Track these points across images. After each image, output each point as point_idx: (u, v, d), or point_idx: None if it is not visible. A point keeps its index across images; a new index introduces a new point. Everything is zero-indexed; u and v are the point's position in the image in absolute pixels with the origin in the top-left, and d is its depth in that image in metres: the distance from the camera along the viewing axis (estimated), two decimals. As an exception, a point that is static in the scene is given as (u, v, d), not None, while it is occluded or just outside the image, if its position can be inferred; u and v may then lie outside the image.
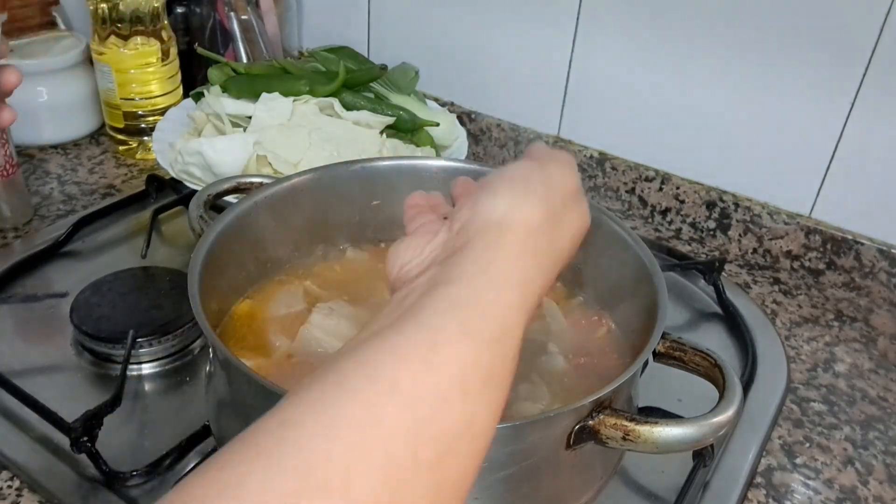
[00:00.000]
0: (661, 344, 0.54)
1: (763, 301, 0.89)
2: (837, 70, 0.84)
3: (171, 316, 0.73)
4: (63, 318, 0.74)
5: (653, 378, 0.60)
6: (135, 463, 0.61)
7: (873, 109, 0.84)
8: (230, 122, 0.92)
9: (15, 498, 0.59)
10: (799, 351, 0.82)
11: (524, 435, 0.47)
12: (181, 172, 0.88)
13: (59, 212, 0.95)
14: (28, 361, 0.72)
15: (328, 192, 0.70)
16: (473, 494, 0.47)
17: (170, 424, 0.66)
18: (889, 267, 0.88)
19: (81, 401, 0.63)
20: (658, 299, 0.56)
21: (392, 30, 1.15)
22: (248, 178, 0.69)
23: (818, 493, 0.65)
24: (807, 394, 0.76)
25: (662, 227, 1.01)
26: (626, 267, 0.62)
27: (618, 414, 0.48)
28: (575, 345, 0.63)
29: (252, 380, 0.48)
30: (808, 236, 0.92)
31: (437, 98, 1.11)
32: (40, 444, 0.63)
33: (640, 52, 0.95)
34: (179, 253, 0.88)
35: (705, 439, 0.47)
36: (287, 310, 0.66)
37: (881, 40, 0.80)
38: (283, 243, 0.69)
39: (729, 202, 0.96)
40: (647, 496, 0.63)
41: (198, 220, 0.63)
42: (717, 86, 0.92)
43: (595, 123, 1.03)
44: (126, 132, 1.07)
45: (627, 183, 1.02)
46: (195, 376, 0.71)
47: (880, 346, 0.84)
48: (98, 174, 1.03)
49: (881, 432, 0.72)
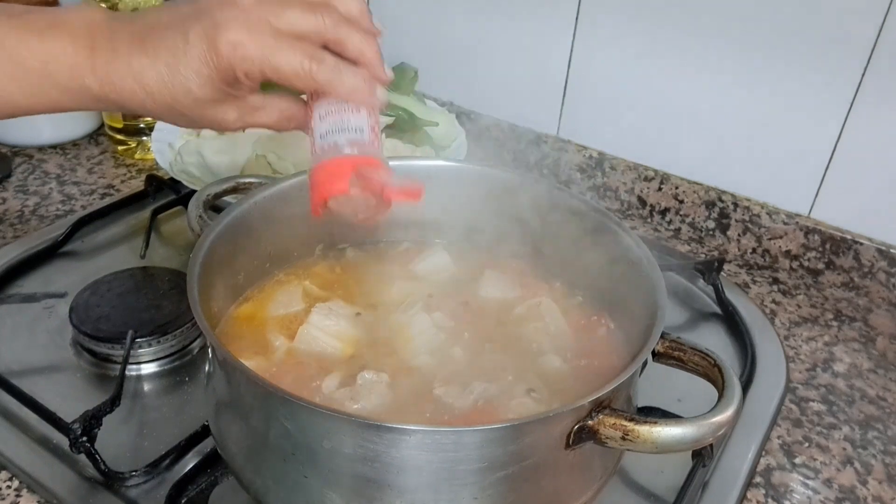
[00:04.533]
0: (660, 344, 0.54)
1: (762, 301, 0.89)
2: (836, 71, 0.84)
3: (170, 316, 0.73)
4: (62, 318, 0.74)
5: (652, 378, 0.60)
6: (134, 463, 0.61)
7: (872, 110, 0.84)
8: (229, 122, 0.92)
9: (14, 498, 0.59)
10: (798, 351, 0.82)
11: (523, 435, 0.47)
12: (180, 172, 0.88)
13: (58, 212, 0.95)
14: (27, 362, 0.72)
15: (327, 192, 0.70)
16: (473, 494, 0.47)
17: (169, 424, 0.66)
18: (888, 267, 0.88)
19: (81, 401, 0.63)
20: (657, 299, 0.56)
21: (391, 30, 1.15)
22: (247, 178, 0.69)
23: (817, 493, 0.66)
24: (806, 393, 0.76)
25: (662, 226, 1.01)
26: (625, 267, 0.62)
27: (617, 414, 0.48)
28: (574, 345, 0.63)
29: (251, 380, 0.48)
30: (808, 236, 0.92)
31: (436, 98, 1.11)
32: (39, 444, 0.63)
33: (639, 53, 0.95)
34: (178, 253, 0.88)
35: (704, 439, 0.47)
36: (286, 310, 0.66)
37: (879, 41, 0.80)
38: (282, 243, 0.69)
39: (728, 202, 0.96)
40: (646, 496, 0.63)
41: (197, 220, 0.63)
42: (716, 86, 0.92)
43: (594, 123, 1.03)
44: (125, 132, 1.07)
45: (627, 183, 1.02)
46: (194, 376, 0.71)
47: (879, 345, 0.84)
48: (97, 174, 1.03)
49: (880, 432, 0.72)
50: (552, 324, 0.65)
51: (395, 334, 0.63)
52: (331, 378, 0.58)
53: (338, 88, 0.53)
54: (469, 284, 0.70)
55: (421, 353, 0.61)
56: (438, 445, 0.46)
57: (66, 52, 0.53)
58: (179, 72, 0.52)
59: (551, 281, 0.70)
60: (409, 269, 0.71)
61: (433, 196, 0.72)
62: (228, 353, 0.49)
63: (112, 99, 0.54)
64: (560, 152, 1.05)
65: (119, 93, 0.54)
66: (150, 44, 0.52)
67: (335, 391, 0.57)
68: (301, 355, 0.61)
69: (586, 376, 0.61)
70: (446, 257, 0.72)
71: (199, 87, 0.52)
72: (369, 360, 0.60)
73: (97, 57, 0.53)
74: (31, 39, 0.53)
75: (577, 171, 1.05)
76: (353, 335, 0.63)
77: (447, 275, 0.71)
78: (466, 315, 0.66)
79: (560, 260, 0.69)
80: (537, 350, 0.63)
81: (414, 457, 0.46)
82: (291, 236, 0.70)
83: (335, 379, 0.58)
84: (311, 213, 0.56)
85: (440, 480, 0.47)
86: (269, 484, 0.51)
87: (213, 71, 0.51)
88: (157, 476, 0.61)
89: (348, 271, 0.71)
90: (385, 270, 0.71)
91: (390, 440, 0.46)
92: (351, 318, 0.64)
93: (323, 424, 0.47)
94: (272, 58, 0.51)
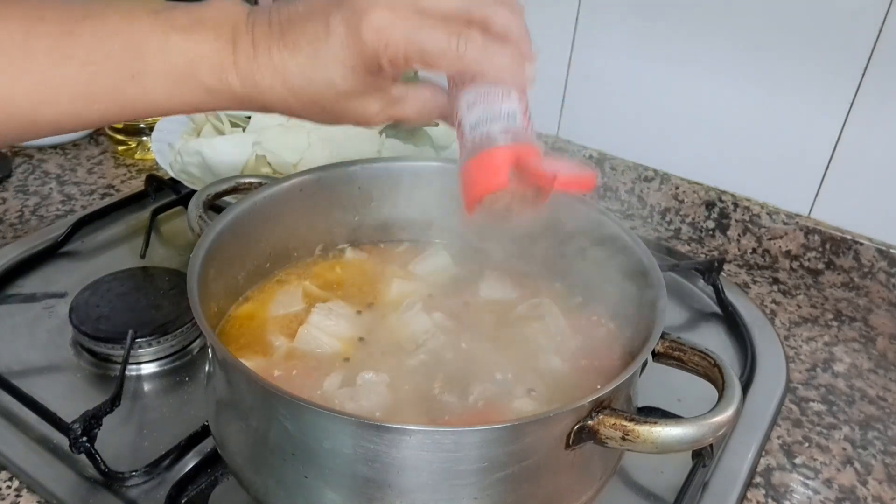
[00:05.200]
0: (660, 344, 0.54)
1: (762, 301, 0.89)
2: (836, 70, 0.84)
3: (170, 316, 0.73)
4: (62, 318, 0.74)
5: (652, 378, 0.60)
6: (134, 463, 0.61)
7: (872, 109, 0.84)
8: (229, 122, 0.92)
9: (14, 498, 0.59)
10: (798, 351, 0.82)
11: (523, 435, 0.47)
12: (180, 172, 0.88)
13: (58, 212, 0.95)
14: (27, 362, 0.72)
15: (327, 192, 0.70)
16: (473, 494, 0.47)
17: (169, 424, 0.66)
18: (888, 267, 0.88)
19: (80, 401, 0.63)
20: (657, 299, 0.56)
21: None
22: (247, 178, 0.69)
23: (817, 493, 0.66)
24: (806, 394, 0.76)
25: (662, 226, 1.01)
26: (625, 267, 0.62)
27: (617, 414, 0.48)
28: (574, 345, 0.63)
29: (251, 380, 0.48)
30: (808, 236, 0.92)
31: (436, 98, 1.11)
32: (39, 444, 0.63)
33: (640, 53, 0.95)
34: (178, 253, 0.88)
35: (704, 439, 0.47)
36: (286, 310, 0.66)
37: (879, 42, 0.80)
38: (282, 243, 0.69)
39: (728, 202, 0.96)
40: (646, 496, 0.63)
41: (197, 220, 0.63)
42: (716, 86, 0.92)
43: (594, 123, 1.03)
44: (125, 132, 1.07)
45: (627, 183, 1.02)
46: (194, 376, 0.71)
47: (879, 345, 0.84)
48: (97, 174, 1.03)
49: (880, 432, 0.72)
50: (552, 324, 0.65)
51: (395, 334, 0.63)
52: (331, 378, 0.58)
53: (486, 68, 0.50)
54: (469, 284, 0.70)
55: (421, 354, 0.61)
56: (438, 445, 0.46)
57: (211, 49, 0.50)
58: (321, 62, 0.49)
59: (551, 281, 0.70)
60: (409, 269, 0.71)
61: (433, 196, 0.73)
62: (228, 353, 0.49)
63: (254, 98, 0.52)
64: (560, 152, 1.05)
65: (261, 91, 0.51)
66: (290, 36, 0.50)
67: (335, 391, 0.57)
68: (301, 355, 0.61)
69: (586, 376, 0.61)
70: (446, 257, 0.72)
71: (341, 78, 0.50)
72: (369, 361, 0.60)
73: (239, 54, 0.50)
74: (176, 37, 0.50)
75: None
76: (353, 335, 0.63)
77: (447, 275, 0.71)
78: (466, 315, 0.66)
79: (560, 260, 0.69)
80: (537, 350, 0.62)
81: (414, 457, 0.46)
82: (291, 236, 0.70)
83: (335, 379, 0.58)
84: (465, 210, 0.51)
85: (440, 480, 0.47)
86: (269, 484, 0.51)
87: (356, 58, 0.49)
88: (157, 476, 0.61)
89: (348, 271, 0.71)
90: (385, 270, 0.71)
91: (390, 440, 0.46)
92: (351, 318, 0.64)
93: (323, 424, 0.47)
94: (417, 38, 0.48)
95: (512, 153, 0.49)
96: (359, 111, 0.53)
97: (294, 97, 0.51)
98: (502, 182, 0.49)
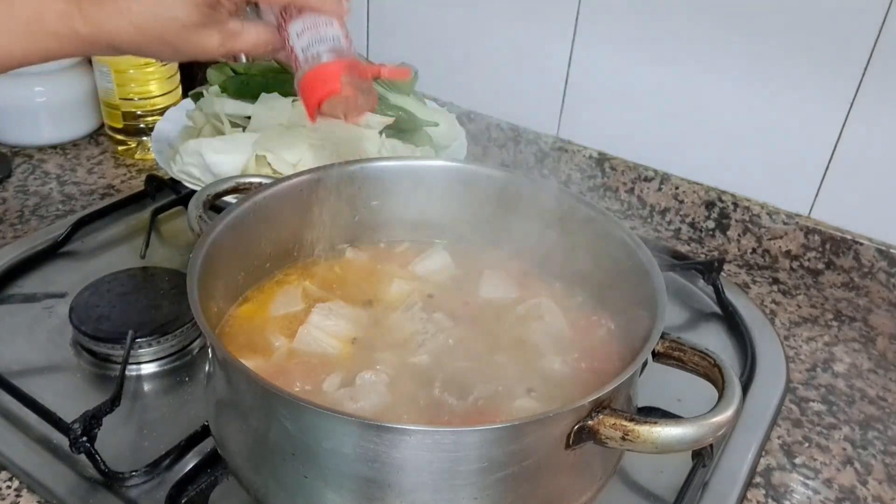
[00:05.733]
0: (660, 344, 0.54)
1: (762, 301, 0.89)
2: (836, 71, 0.84)
3: (170, 316, 0.73)
4: (62, 318, 0.74)
5: (652, 378, 0.60)
6: (134, 463, 0.61)
7: (872, 110, 0.84)
8: (229, 123, 0.92)
9: (14, 498, 0.59)
10: (798, 351, 0.82)
11: (524, 435, 0.47)
12: (180, 173, 0.88)
13: (58, 212, 0.95)
14: (27, 362, 0.72)
15: (327, 193, 0.70)
16: (473, 494, 0.47)
17: (169, 424, 0.66)
18: (888, 267, 0.88)
19: (81, 401, 0.63)
20: (657, 299, 0.56)
21: (391, 30, 1.15)
22: (247, 178, 0.69)
23: (817, 493, 0.66)
24: (806, 394, 0.76)
25: (661, 227, 1.01)
26: (625, 267, 0.62)
27: (617, 414, 0.48)
28: (574, 345, 0.63)
29: (251, 380, 0.48)
30: (808, 236, 0.92)
31: (436, 98, 1.11)
32: (39, 444, 0.63)
33: (640, 53, 0.95)
34: (178, 253, 0.88)
35: (704, 439, 0.47)
36: (286, 310, 0.66)
37: (879, 42, 0.80)
38: (282, 244, 0.69)
39: (728, 202, 0.96)
40: (646, 496, 0.63)
41: (197, 220, 0.63)
42: (716, 86, 0.92)
43: (594, 123, 1.03)
44: (125, 132, 1.07)
45: (627, 183, 1.02)
46: (194, 376, 0.71)
47: (879, 345, 0.84)
48: (97, 174, 1.03)
49: (880, 432, 0.72)
50: (552, 324, 0.65)
51: (395, 334, 0.63)
52: (331, 378, 0.58)
53: (310, 1, 0.60)
54: (469, 284, 0.70)
55: (421, 354, 0.61)
56: (438, 445, 0.46)
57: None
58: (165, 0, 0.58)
59: (551, 281, 0.70)
60: (409, 269, 0.71)
61: (433, 196, 0.73)
62: (228, 353, 0.49)
63: (102, 40, 0.59)
64: (560, 152, 1.05)
65: (108, 33, 0.59)
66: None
67: (335, 391, 0.57)
68: (301, 355, 0.61)
69: (586, 376, 0.61)
70: (446, 257, 0.72)
71: (184, 12, 0.58)
72: (369, 361, 0.60)
73: (83, 1, 0.58)
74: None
75: (577, 171, 1.05)
76: (352, 335, 0.63)
77: (447, 275, 0.71)
78: (466, 315, 0.66)
79: (560, 260, 0.69)
80: (537, 350, 0.63)
81: (414, 457, 0.46)
82: (291, 236, 0.70)
83: (335, 379, 0.58)
84: (308, 119, 0.62)
85: (440, 480, 0.47)
86: (269, 484, 0.51)
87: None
88: (157, 476, 0.61)
89: (348, 271, 0.71)
90: (385, 270, 0.71)
91: (390, 440, 0.46)
92: (351, 318, 0.64)
93: (323, 425, 0.47)
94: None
95: (342, 65, 0.61)
96: (201, 44, 0.61)
97: (141, 35, 0.59)
98: (335, 88, 0.60)
